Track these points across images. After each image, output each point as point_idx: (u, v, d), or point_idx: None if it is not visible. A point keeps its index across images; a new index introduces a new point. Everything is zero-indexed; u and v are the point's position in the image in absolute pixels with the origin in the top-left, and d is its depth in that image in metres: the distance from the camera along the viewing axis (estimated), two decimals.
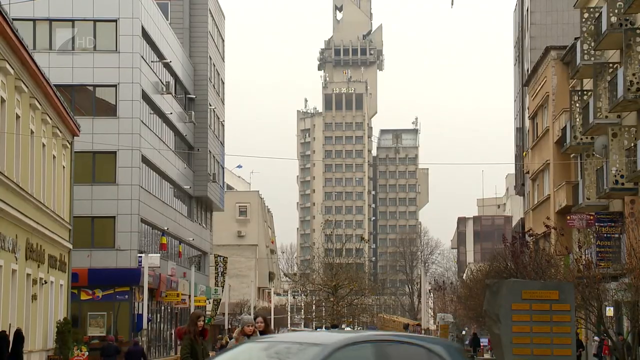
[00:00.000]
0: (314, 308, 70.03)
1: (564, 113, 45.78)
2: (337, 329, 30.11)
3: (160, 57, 56.18)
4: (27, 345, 31.37)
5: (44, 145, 34.89)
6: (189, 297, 56.59)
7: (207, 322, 19.97)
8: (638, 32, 34.59)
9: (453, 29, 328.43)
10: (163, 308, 58.02)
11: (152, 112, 54.39)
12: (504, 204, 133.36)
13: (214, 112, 69.69)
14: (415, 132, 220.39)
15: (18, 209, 30.52)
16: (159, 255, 51.24)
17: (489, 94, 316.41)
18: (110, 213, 49.86)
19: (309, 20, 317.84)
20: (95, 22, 50.87)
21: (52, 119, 35.85)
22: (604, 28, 36.62)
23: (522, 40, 65.72)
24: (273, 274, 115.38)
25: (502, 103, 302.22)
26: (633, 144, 35.24)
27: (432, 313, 73.20)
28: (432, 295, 75.51)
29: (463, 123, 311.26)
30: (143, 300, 46.47)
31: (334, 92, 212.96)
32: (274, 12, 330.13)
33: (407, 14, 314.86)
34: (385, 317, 63.50)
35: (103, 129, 49.37)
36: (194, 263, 64.59)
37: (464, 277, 78.13)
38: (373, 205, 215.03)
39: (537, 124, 53.46)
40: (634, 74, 33.94)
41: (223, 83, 75.17)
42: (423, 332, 51.14)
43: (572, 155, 45.67)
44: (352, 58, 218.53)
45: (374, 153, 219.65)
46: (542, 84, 51.15)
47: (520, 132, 63.85)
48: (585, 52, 40.79)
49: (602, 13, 37.46)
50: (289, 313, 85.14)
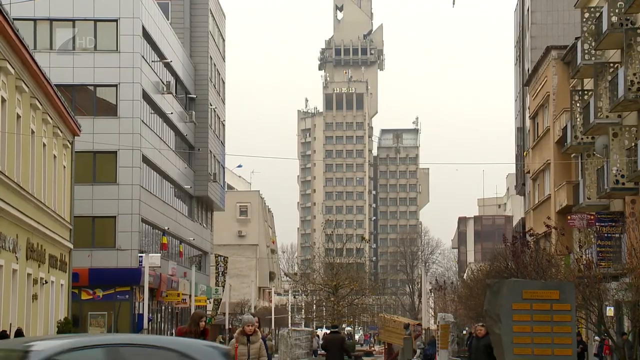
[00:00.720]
0: (315, 308, 70.02)
1: (565, 113, 45.77)
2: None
3: (161, 56, 56.18)
4: None
5: (45, 145, 34.89)
6: (190, 296, 56.59)
7: (207, 322, 19.95)
8: (639, 31, 34.59)
9: (453, 29, 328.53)
10: (164, 308, 58.03)
11: (152, 111, 54.39)
12: (505, 204, 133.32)
13: (215, 111, 69.69)
14: (416, 131, 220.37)
15: (19, 209, 30.52)
16: (160, 255, 51.25)
17: (490, 94, 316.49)
18: (111, 213, 49.86)
19: (310, 20, 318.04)
20: (96, 21, 50.88)
21: (52, 119, 35.84)
22: (605, 28, 36.61)
23: (522, 40, 65.71)
24: (274, 274, 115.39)
25: (502, 103, 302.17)
26: (634, 144, 35.24)
27: (432, 313, 73.15)
28: (432, 295, 75.49)
29: (463, 123, 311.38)
30: (144, 300, 46.46)
31: (335, 91, 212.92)
32: (275, 12, 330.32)
33: (407, 14, 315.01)
34: (386, 316, 63.39)
35: (104, 129, 49.39)
36: (195, 263, 64.59)
37: (465, 276, 78.14)
38: (373, 205, 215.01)
39: (537, 124, 53.45)
40: (635, 74, 33.94)
41: (224, 83, 75.17)
42: (424, 331, 51.09)
43: (572, 155, 45.65)
44: (352, 58, 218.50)
45: (375, 153, 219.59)
46: (542, 84, 51.14)
47: (521, 131, 63.84)
48: (586, 51, 40.77)
49: (602, 13, 37.45)
50: (290, 313, 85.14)
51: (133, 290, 49.63)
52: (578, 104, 42.13)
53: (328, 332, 36.05)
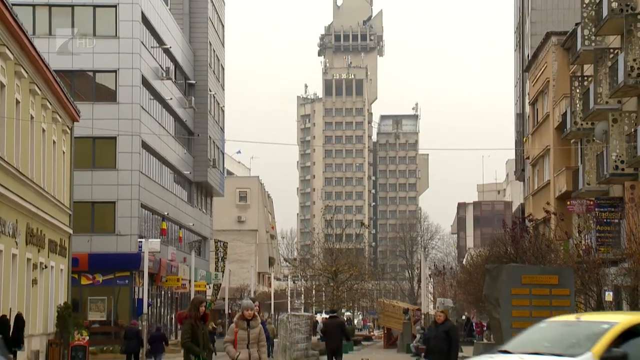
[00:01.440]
0: (314, 293, 70.08)
1: (565, 99, 45.75)
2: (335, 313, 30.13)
3: (160, 42, 56.09)
4: (27, 329, 31.47)
5: (44, 131, 34.89)
6: (189, 282, 56.68)
7: (207, 306, 20.00)
8: (639, 17, 34.53)
9: (453, 15, 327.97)
10: (163, 293, 58.14)
11: (152, 97, 54.34)
12: (504, 190, 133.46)
13: (214, 97, 69.63)
14: (416, 117, 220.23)
15: (18, 194, 30.56)
16: (159, 241, 51.30)
17: (489, 80, 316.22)
18: (111, 198, 49.89)
19: (309, 6, 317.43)
20: (95, 7, 50.78)
21: (52, 105, 35.83)
22: (605, 13, 36.54)
23: (522, 26, 65.61)
24: (273, 259, 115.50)
25: (502, 89, 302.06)
26: (633, 130, 35.23)
27: (432, 298, 73.29)
28: (431, 280, 75.59)
29: (463, 109, 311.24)
30: (143, 285, 46.51)
31: (334, 77, 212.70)
32: None
33: (407, 0, 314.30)
34: (385, 301, 63.54)
35: (103, 115, 49.36)
36: (194, 248, 64.65)
37: (464, 262, 78.25)
38: (373, 191, 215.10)
39: (537, 110, 53.43)
40: (635, 60, 33.90)
41: (223, 69, 75.07)
42: (423, 316, 51.18)
43: (572, 141, 45.65)
44: (352, 44, 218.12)
45: (374, 139, 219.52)
46: (542, 70, 51.10)
47: (521, 117, 63.80)
48: (586, 37, 40.71)
49: None
50: (289, 298, 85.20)
51: (133, 275, 49.71)
52: (578, 90, 42.10)
53: (327, 317, 36.18)
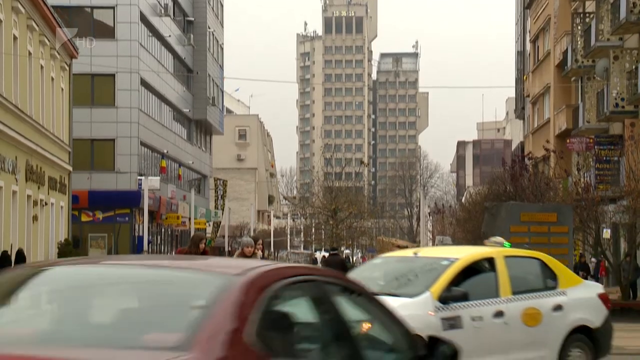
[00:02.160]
0: (314, 231, 70.44)
1: (566, 36, 45.44)
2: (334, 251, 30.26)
3: None
4: None
5: (42, 67, 34.70)
6: (189, 219, 56.89)
7: (207, 243, 20.09)
8: None
9: None
10: (163, 230, 58.38)
11: (150, 34, 53.97)
12: (504, 128, 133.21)
13: (213, 35, 69.17)
14: (416, 55, 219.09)
15: (17, 131, 30.49)
16: (159, 178, 51.38)
17: (490, 17, 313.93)
18: (110, 136, 49.83)
19: None
20: None
21: (49, 41, 35.59)
22: None
23: None
24: (273, 197, 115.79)
25: (503, 26, 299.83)
26: (634, 67, 35.07)
27: (430, 236, 73.65)
28: (431, 219, 75.86)
29: (463, 46, 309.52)
30: (143, 223, 46.73)
31: (334, 15, 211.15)
32: None
33: None
34: (385, 239, 63.94)
35: (101, 52, 49.06)
36: (194, 186, 64.77)
37: (463, 200, 78.45)
38: (373, 129, 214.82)
39: (538, 47, 53.12)
40: None
41: (222, 6, 74.47)
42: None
43: (572, 79, 45.46)
44: None
45: (374, 77, 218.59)
46: (544, 7, 50.69)
47: (521, 55, 63.46)
48: None
49: None
50: (289, 236, 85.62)
51: (133, 213, 49.86)
52: (579, 27, 41.79)
53: (327, 254, 36.34)
